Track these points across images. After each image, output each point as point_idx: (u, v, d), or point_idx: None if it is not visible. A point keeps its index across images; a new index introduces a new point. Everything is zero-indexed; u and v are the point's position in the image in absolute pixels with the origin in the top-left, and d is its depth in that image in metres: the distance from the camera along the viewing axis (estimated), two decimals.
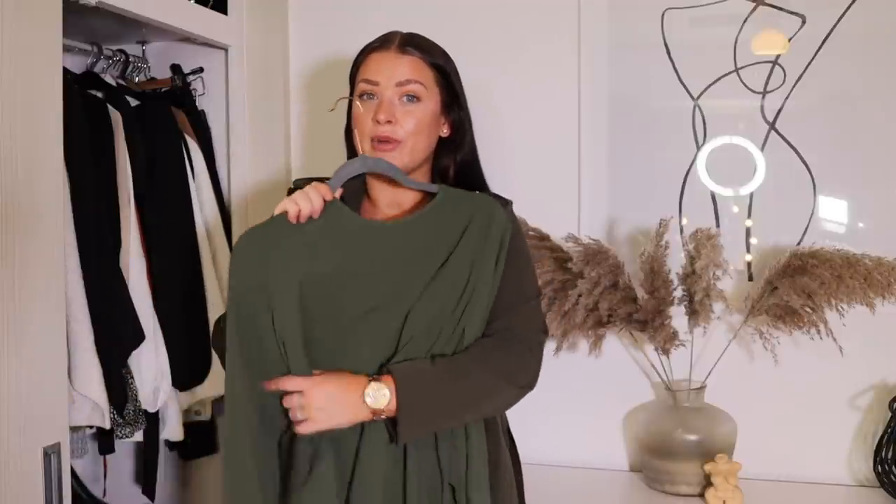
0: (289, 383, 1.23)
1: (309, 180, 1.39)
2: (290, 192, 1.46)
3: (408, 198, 1.41)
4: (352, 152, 1.46)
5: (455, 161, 1.44)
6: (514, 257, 1.39)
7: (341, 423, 1.23)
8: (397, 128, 1.33)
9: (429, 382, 1.25)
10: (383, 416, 1.24)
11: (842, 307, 1.74)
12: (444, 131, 1.42)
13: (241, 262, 1.27)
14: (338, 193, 1.31)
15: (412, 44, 1.38)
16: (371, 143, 1.35)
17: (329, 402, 1.22)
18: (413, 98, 1.35)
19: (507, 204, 1.46)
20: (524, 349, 1.34)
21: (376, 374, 1.25)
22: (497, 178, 1.52)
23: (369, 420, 1.24)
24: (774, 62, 1.91)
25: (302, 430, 1.22)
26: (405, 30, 1.44)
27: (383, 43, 1.38)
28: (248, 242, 1.28)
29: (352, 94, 1.41)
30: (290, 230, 1.27)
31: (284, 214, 1.27)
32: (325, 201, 1.29)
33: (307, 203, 1.27)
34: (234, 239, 1.99)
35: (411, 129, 1.35)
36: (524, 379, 1.33)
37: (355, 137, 1.38)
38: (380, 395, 1.22)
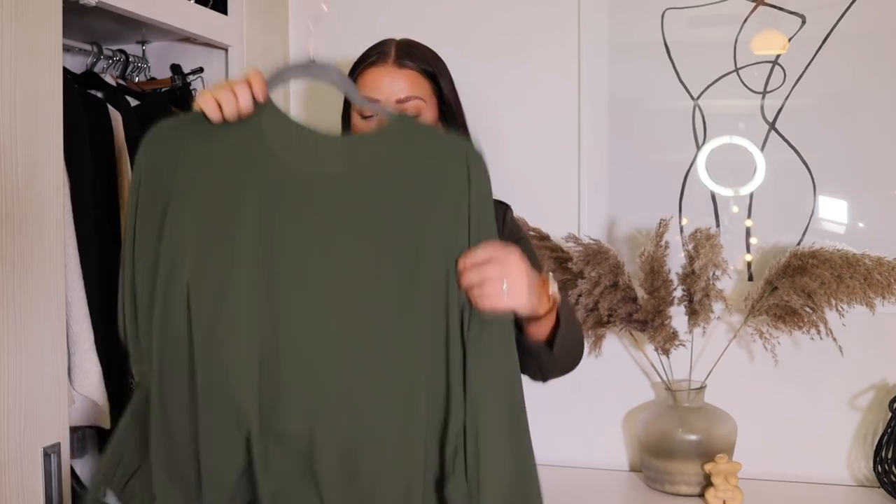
0: (483, 252, 1.04)
1: None
2: None
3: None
4: None
5: None
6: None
7: (523, 307, 1.07)
8: None
9: (569, 312, 1.28)
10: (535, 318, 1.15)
11: (842, 307, 1.74)
12: None
13: (148, 151, 1.08)
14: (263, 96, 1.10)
15: (408, 55, 1.36)
16: None
17: (525, 280, 1.06)
18: (414, 113, 1.34)
19: (506, 208, 1.46)
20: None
21: None
22: (497, 178, 1.51)
23: (527, 318, 1.11)
24: (774, 62, 1.91)
25: (493, 304, 1.04)
26: (404, 31, 1.43)
27: (379, 56, 1.36)
28: (157, 136, 1.09)
29: (347, 105, 1.41)
30: (206, 131, 1.07)
31: (198, 112, 1.08)
32: (255, 101, 1.08)
33: (230, 102, 1.07)
34: None
35: None
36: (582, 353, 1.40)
37: None
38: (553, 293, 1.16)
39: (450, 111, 1.41)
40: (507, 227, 1.43)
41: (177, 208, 1.06)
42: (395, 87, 1.33)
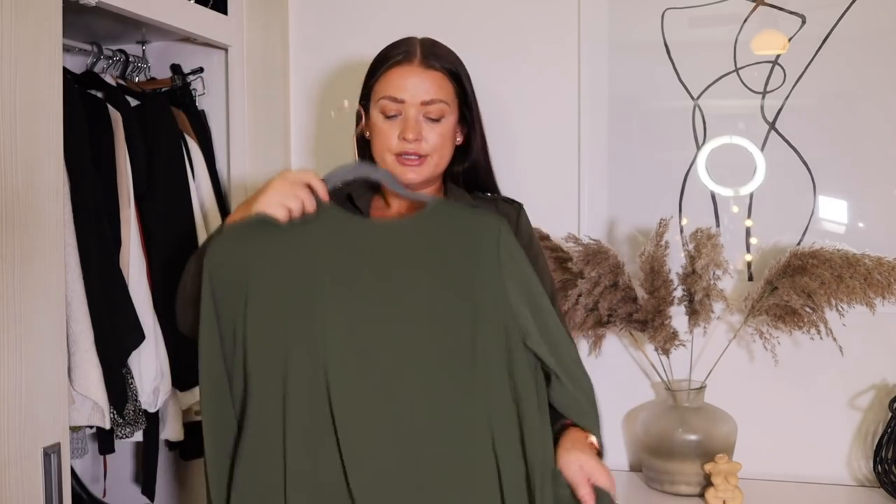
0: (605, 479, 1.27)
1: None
2: None
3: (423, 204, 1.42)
4: (365, 160, 1.45)
5: (464, 166, 1.45)
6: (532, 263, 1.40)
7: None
8: (423, 144, 1.34)
9: None
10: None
11: (842, 307, 1.74)
12: (459, 139, 1.43)
13: (218, 256, 1.21)
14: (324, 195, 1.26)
15: (433, 55, 1.36)
16: (395, 159, 1.36)
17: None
18: (438, 117, 1.35)
19: (519, 207, 1.47)
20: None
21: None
22: (498, 178, 1.52)
23: None
24: (774, 62, 1.91)
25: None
26: (403, 30, 1.43)
27: (405, 56, 1.35)
28: (224, 237, 1.22)
29: (366, 100, 1.40)
30: (271, 230, 1.21)
31: (267, 216, 1.20)
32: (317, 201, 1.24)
33: (297, 204, 1.21)
34: None
35: (436, 144, 1.36)
36: None
37: (374, 149, 1.39)
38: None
39: (470, 114, 1.42)
40: (520, 229, 1.44)
41: (255, 296, 1.20)
42: (420, 87, 1.34)
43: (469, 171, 1.46)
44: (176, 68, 1.99)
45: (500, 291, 1.22)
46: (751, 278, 1.94)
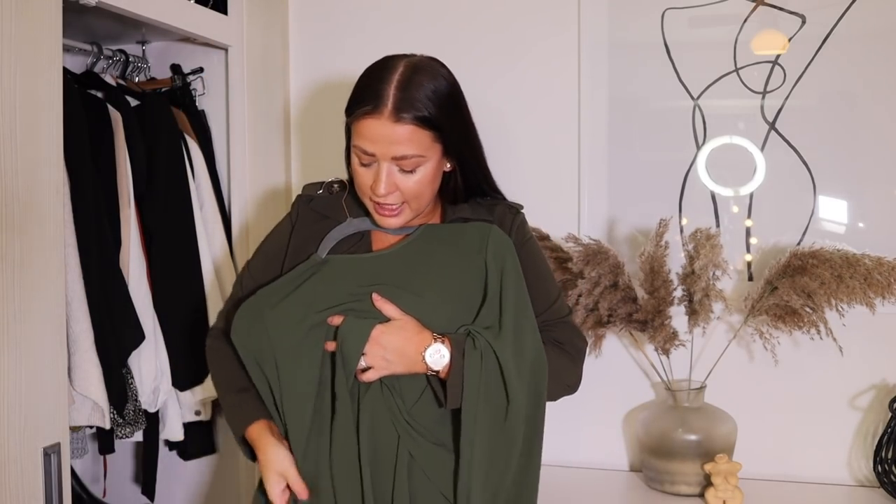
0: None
1: (318, 185, 1.46)
2: (299, 198, 1.47)
3: (415, 220, 1.41)
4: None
5: (458, 184, 1.42)
6: (530, 267, 1.40)
7: (399, 373, 1.30)
8: (396, 195, 1.32)
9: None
10: (439, 375, 1.30)
11: (842, 307, 1.74)
12: (447, 167, 1.39)
13: (237, 331, 1.37)
14: None
15: (406, 103, 1.27)
16: (372, 205, 1.35)
17: (391, 354, 1.28)
18: (412, 169, 1.32)
19: (518, 210, 1.46)
20: (572, 353, 1.45)
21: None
22: (497, 178, 1.52)
23: (425, 373, 1.30)
24: (774, 62, 1.91)
25: (365, 378, 1.29)
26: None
27: (375, 106, 1.27)
28: (244, 310, 1.38)
29: (348, 131, 1.37)
30: (285, 296, 1.35)
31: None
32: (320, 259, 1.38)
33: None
34: (234, 238, 1.99)
35: (412, 192, 1.33)
36: (570, 379, 1.44)
37: (356, 188, 1.38)
38: (438, 357, 1.28)
39: (456, 145, 1.36)
40: (513, 233, 1.42)
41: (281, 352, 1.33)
42: (391, 142, 1.28)
43: (464, 188, 1.43)
44: (176, 68, 1.99)
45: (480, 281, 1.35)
46: (751, 278, 1.94)
